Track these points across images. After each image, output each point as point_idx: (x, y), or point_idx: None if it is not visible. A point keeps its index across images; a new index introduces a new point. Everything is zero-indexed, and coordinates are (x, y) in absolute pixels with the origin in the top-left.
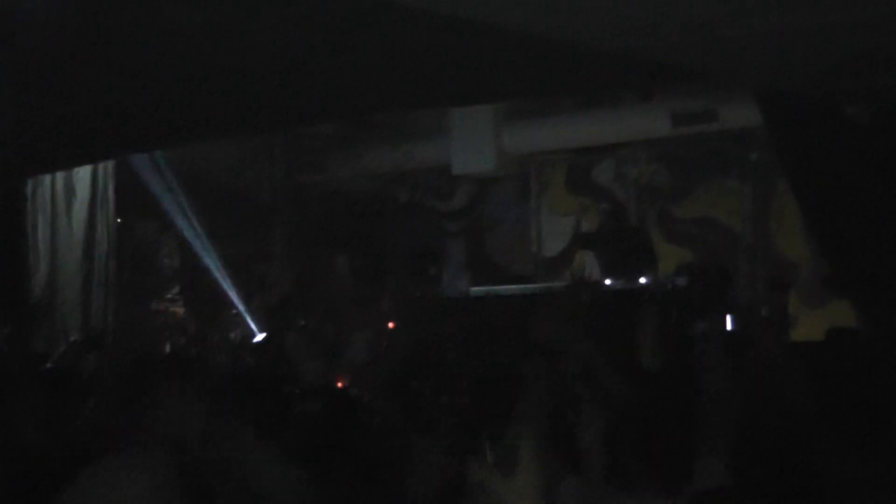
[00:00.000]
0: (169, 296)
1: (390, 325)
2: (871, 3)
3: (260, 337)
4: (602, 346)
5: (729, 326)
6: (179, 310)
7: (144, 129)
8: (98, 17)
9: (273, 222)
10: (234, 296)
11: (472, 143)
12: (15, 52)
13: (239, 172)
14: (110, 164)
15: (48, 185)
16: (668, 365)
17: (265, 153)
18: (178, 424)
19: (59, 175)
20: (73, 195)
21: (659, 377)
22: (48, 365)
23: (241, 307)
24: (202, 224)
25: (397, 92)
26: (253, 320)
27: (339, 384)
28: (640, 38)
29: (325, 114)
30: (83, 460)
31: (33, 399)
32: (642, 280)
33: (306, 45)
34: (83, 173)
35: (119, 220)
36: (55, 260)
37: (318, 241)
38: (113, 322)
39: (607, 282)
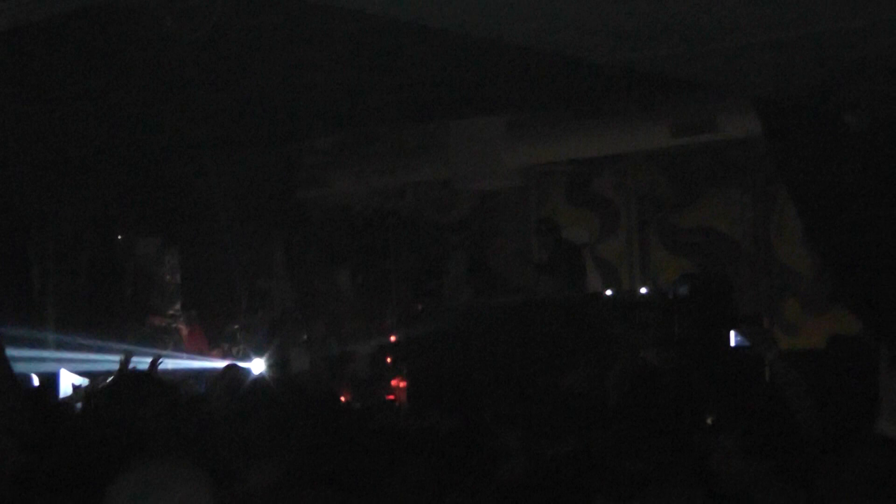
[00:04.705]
0: (171, 312)
1: (392, 338)
2: (868, 12)
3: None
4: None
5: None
6: (182, 326)
7: (146, 144)
8: (102, 33)
9: (275, 238)
10: (236, 311)
11: (473, 156)
12: (16, 68)
13: (240, 188)
14: (111, 181)
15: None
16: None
17: (266, 168)
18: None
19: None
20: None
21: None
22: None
23: (243, 323)
24: (204, 240)
25: (399, 105)
26: (256, 336)
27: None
28: (639, 50)
29: (326, 128)
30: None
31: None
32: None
33: (307, 60)
34: (84, 190)
35: (120, 238)
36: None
37: (320, 256)
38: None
39: (608, 292)
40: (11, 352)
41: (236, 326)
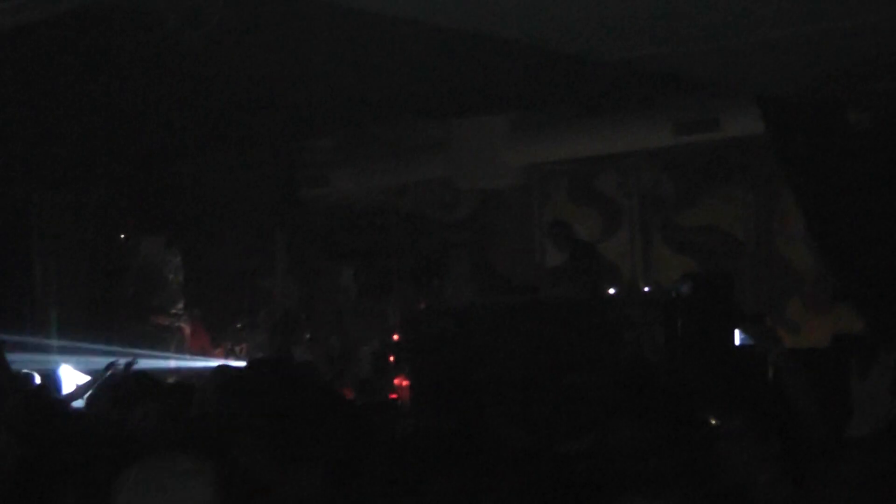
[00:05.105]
0: (174, 311)
1: (395, 336)
2: (871, 9)
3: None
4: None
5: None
6: (185, 325)
7: (148, 144)
8: (103, 34)
9: (277, 237)
10: (238, 310)
11: (475, 155)
12: (17, 68)
13: (242, 187)
14: (114, 180)
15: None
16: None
17: (268, 167)
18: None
19: (65, 192)
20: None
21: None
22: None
23: (245, 322)
24: (207, 239)
25: (402, 103)
26: (258, 335)
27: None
28: (642, 48)
29: (328, 125)
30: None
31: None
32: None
33: (309, 58)
34: (88, 189)
35: (123, 237)
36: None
37: (323, 255)
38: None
39: (611, 291)
40: (14, 350)
41: (239, 325)
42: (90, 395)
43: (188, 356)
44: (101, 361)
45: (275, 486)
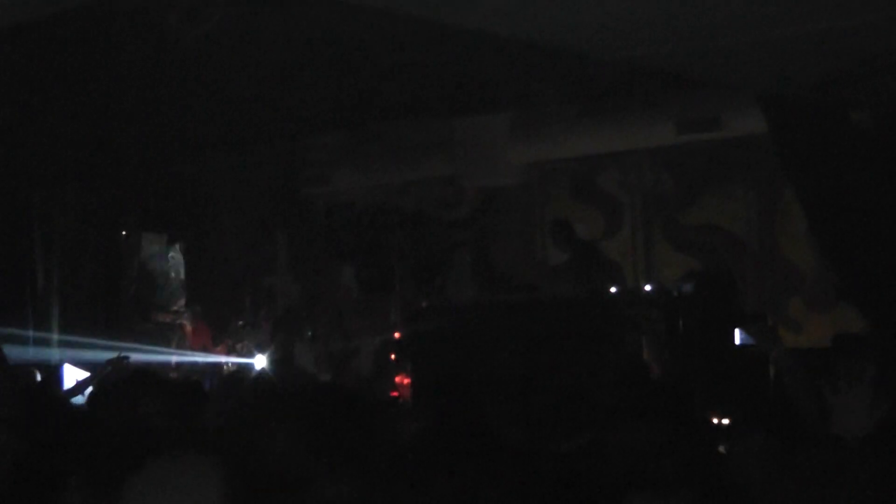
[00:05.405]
0: (175, 308)
1: (396, 335)
2: (873, 9)
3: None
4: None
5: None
6: (186, 322)
7: (149, 142)
8: (105, 31)
9: (278, 235)
10: (240, 308)
11: (478, 153)
12: (18, 66)
13: (244, 185)
14: (117, 179)
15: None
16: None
17: (269, 165)
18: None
19: (66, 190)
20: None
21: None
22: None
23: (247, 320)
24: (209, 237)
25: (405, 101)
26: (260, 332)
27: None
28: (644, 47)
29: (330, 124)
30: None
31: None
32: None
33: (311, 56)
34: (90, 187)
35: (124, 234)
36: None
37: (324, 253)
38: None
39: (612, 289)
40: (16, 347)
41: (240, 323)
42: (90, 393)
43: (190, 353)
44: (102, 358)
45: (278, 486)
